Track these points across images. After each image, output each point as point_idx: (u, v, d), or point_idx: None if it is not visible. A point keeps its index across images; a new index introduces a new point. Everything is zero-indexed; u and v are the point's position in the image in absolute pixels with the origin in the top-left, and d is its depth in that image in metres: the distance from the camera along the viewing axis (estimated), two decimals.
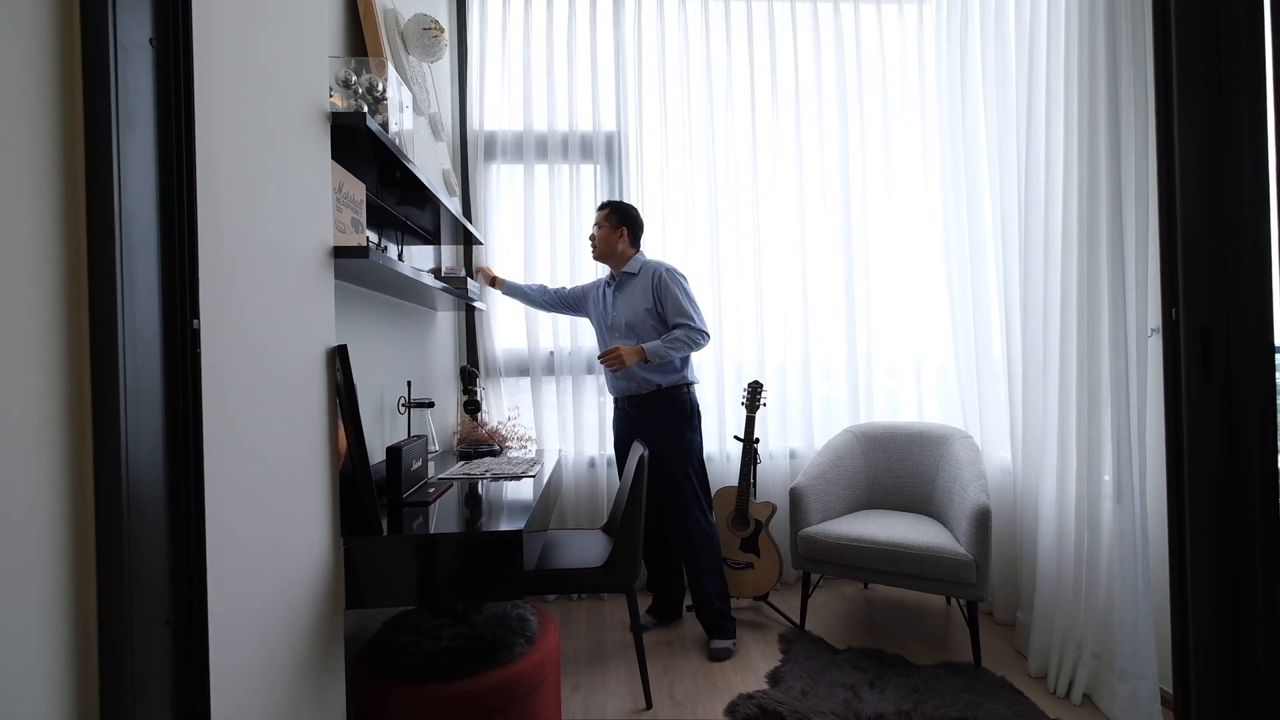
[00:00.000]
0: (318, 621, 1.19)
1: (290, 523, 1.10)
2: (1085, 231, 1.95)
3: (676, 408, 2.41)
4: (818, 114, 3.00)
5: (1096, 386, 1.94)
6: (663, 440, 2.36)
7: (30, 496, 0.65)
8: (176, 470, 0.81)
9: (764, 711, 1.87)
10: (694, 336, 2.37)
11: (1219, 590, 1.01)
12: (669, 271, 2.41)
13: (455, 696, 1.42)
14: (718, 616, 2.34)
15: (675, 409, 2.41)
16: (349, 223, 1.40)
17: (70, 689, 0.68)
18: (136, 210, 0.76)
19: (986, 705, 1.89)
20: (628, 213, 2.52)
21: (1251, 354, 0.94)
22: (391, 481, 1.59)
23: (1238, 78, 0.96)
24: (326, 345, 1.26)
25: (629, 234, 2.50)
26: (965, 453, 2.43)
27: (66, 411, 0.69)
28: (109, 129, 0.72)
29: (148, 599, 0.76)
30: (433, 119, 2.23)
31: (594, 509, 2.91)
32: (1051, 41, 2.09)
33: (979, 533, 2.12)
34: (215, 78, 0.90)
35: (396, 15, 1.96)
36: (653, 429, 2.37)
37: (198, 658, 0.83)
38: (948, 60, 2.69)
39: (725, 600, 2.39)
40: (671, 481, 2.38)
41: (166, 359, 0.80)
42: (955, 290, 2.69)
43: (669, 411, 2.40)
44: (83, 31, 0.72)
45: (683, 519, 2.38)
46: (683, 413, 2.42)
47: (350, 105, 1.50)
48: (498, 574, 1.38)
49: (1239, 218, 0.95)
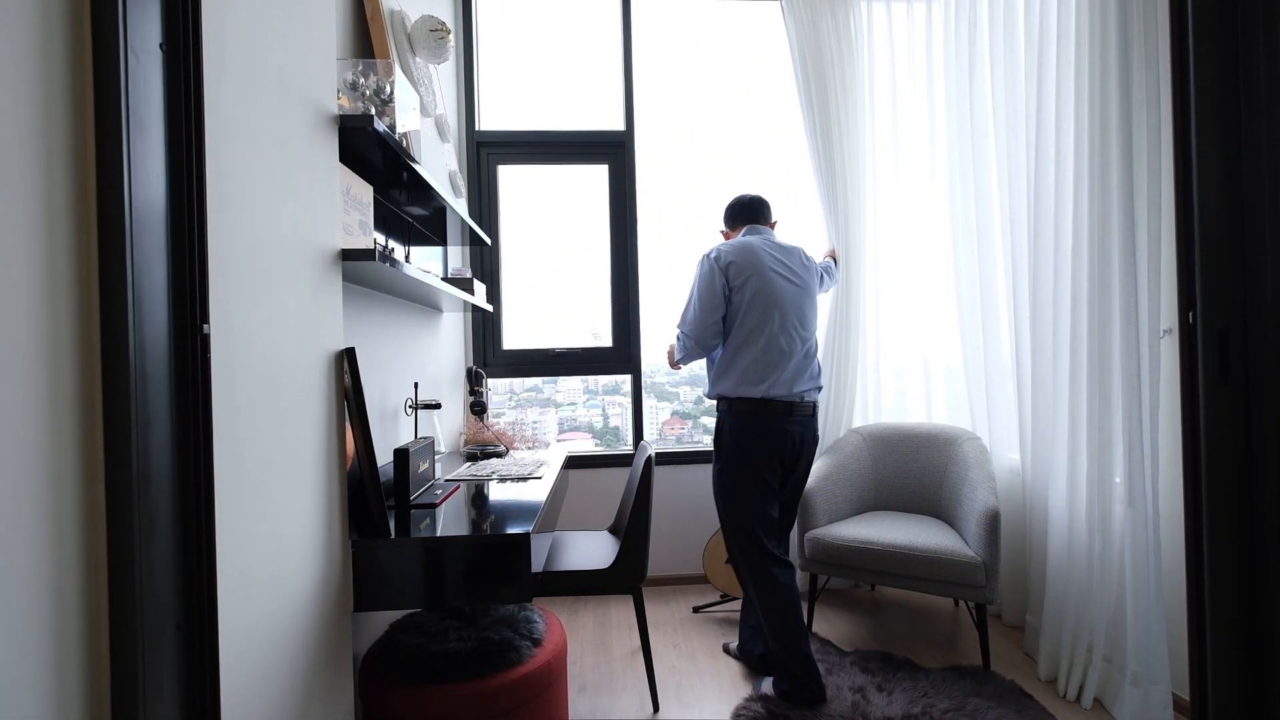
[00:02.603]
0: (326, 624, 1.19)
1: (299, 526, 1.10)
2: (1097, 230, 1.93)
3: (717, 426, 2.09)
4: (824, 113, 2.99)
5: (1108, 388, 1.92)
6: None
7: (42, 501, 0.65)
8: (186, 475, 0.81)
9: (770, 714, 1.87)
10: (679, 336, 2.12)
11: (1237, 594, 0.99)
12: (700, 262, 2.10)
13: (463, 698, 1.42)
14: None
15: (716, 427, 2.09)
16: (356, 225, 1.40)
17: (82, 693, 0.68)
18: (147, 214, 0.76)
19: (995, 709, 1.87)
20: (729, 208, 2.26)
21: (1270, 357, 0.93)
22: (399, 483, 1.59)
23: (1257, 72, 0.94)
24: (334, 348, 1.26)
25: (731, 229, 2.26)
26: (974, 454, 2.42)
27: (77, 416, 0.69)
28: (119, 133, 0.72)
29: (158, 604, 0.76)
30: (439, 120, 2.23)
31: (602, 510, 2.91)
32: (1062, 37, 2.07)
33: (988, 535, 2.10)
34: (225, 82, 0.90)
35: (404, 17, 1.96)
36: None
37: (208, 662, 0.83)
38: (956, 58, 2.67)
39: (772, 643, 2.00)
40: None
41: (176, 364, 0.80)
42: (964, 289, 2.67)
43: (716, 428, 2.10)
44: (94, 36, 0.72)
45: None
46: (718, 432, 2.06)
47: (357, 107, 1.50)
48: (505, 576, 1.37)
49: (1258, 218, 0.94)
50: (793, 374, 1.98)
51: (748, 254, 2.03)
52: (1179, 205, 1.02)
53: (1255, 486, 0.96)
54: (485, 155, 2.95)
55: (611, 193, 3.01)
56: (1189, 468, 1.00)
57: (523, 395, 3.26)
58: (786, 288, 2.03)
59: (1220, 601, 0.98)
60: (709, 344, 2.06)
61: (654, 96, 2.97)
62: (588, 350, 3.02)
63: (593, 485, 2.92)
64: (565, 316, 3.03)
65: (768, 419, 1.96)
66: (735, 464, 1.99)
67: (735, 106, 2.99)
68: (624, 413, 3.10)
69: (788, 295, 2.02)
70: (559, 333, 3.01)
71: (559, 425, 3.24)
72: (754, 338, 1.98)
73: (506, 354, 2.99)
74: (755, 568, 1.97)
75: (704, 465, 2.99)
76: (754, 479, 1.97)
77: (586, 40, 2.95)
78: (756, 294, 1.99)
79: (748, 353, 1.99)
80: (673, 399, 3.36)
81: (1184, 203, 1.00)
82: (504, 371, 3.00)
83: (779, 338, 1.98)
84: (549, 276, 2.96)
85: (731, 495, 2.00)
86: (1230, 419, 0.95)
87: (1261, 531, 0.96)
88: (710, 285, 2.02)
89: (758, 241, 2.08)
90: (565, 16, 2.93)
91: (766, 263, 2.03)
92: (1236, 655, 0.99)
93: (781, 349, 1.98)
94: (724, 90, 2.99)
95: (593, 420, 3.25)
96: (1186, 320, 0.99)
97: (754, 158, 2.98)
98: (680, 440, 3.29)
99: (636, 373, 3.04)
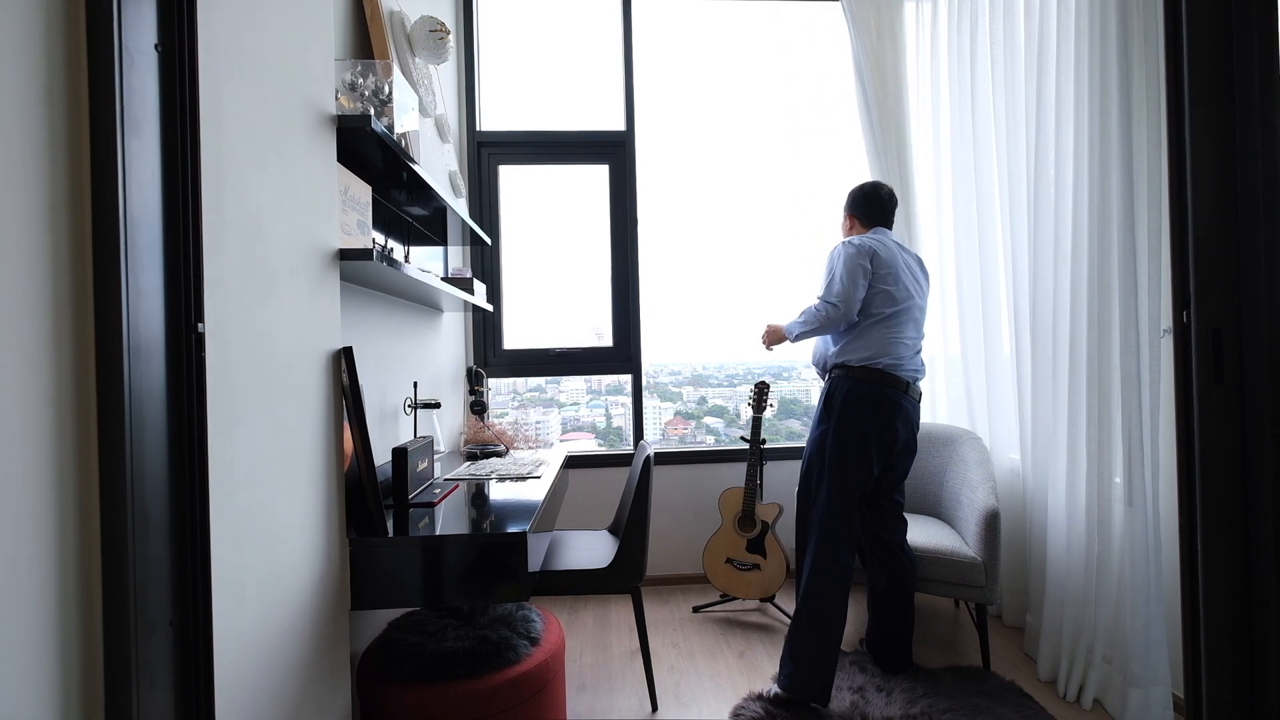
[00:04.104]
0: (323, 622, 1.19)
1: (295, 524, 1.11)
2: (1096, 229, 1.93)
3: (824, 394, 2.15)
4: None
5: (1108, 387, 1.92)
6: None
7: (35, 499, 0.65)
8: (181, 473, 0.81)
9: (769, 714, 1.87)
10: (820, 306, 2.11)
11: (1232, 596, 0.99)
12: (842, 246, 2.12)
13: (461, 697, 1.43)
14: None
15: (823, 395, 2.15)
16: (354, 225, 1.41)
17: (75, 690, 0.69)
18: (141, 215, 0.76)
19: (995, 709, 1.87)
20: (853, 197, 2.28)
21: (1265, 357, 0.93)
22: (397, 482, 1.60)
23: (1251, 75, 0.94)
24: (332, 347, 1.26)
25: (859, 219, 2.25)
26: (973, 454, 2.41)
27: (71, 415, 0.70)
28: (114, 134, 0.73)
29: (152, 600, 0.76)
30: (439, 120, 2.24)
31: (602, 510, 2.91)
32: (1061, 36, 2.06)
33: (988, 535, 2.10)
34: (221, 81, 0.91)
35: (403, 18, 1.96)
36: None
37: (202, 659, 0.83)
38: (958, 55, 2.66)
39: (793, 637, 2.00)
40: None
41: (171, 362, 0.80)
42: (964, 289, 2.67)
43: (823, 397, 2.15)
44: (88, 37, 0.72)
45: (803, 529, 2.11)
46: (826, 399, 2.11)
47: (356, 108, 1.51)
48: (503, 575, 1.38)
49: (1252, 218, 0.93)
50: (913, 362, 2.10)
51: (887, 252, 2.10)
52: (1173, 205, 1.02)
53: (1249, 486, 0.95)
54: (486, 155, 2.95)
55: (612, 193, 3.01)
56: (1183, 467, 1.00)
57: (526, 395, 3.27)
58: (915, 290, 2.13)
59: (1215, 602, 0.98)
60: (852, 315, 2.07)
61: (654, 96, 2.97)
62: (588, 350, 3.03)
63: (593, 485, 2.93)
64: (566, 316, 3.04)
65: (887, 389, 2.04)
66: (843, 432, 2.04)
67: (736, 106, 2.99)
68: (626, 413, 3.10)
69: (915, 298, 2.12)
70: (560, 332, 3.02)
71: (562, 425, 3.25)
72: (890, 321, 2.07)
73: (507, 354, 3.00)
74: (821, 547, 2.00)
75: (705, 465, 2.99)
76: (856, 450, 2.02)
77: (587, 40, 2.95)
78: (895, 290, 2.07)
79: (881, 330, 2.07)
80: (675, 399, 3.37)
81: (1178, 202, 1.00)
82: (504, 371, 3.01)
83: (908, 326, 2.09)
84: (549, 276, 2.97)
85: (836, 452, 2.03)
86: (1224, 418, 0.95)
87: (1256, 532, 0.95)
88: (857, 265, 2.06)
89: (892, 243, 2.15)
90: (566, 16, 2.94)
91: (902, 263, 2.12)
92: (1231, 656, 0.99)
93: (909, 340, 2.09)
94: (724, 90, 2.99)
95: (595, 420, 3.26)
96: (1181, 320, 0.99)
97: (754, 158, 2.98)
98: (684, 440, 3.29)
99: (637, 372, 3.04)
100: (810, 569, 1.99)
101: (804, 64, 3.01)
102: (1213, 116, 0.96)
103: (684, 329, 3.07)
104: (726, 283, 2.97)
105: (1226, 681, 0.99)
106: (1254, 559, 0.95)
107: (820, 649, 1.92)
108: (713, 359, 3.34)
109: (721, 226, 2.96)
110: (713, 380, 3.37)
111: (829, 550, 1.98)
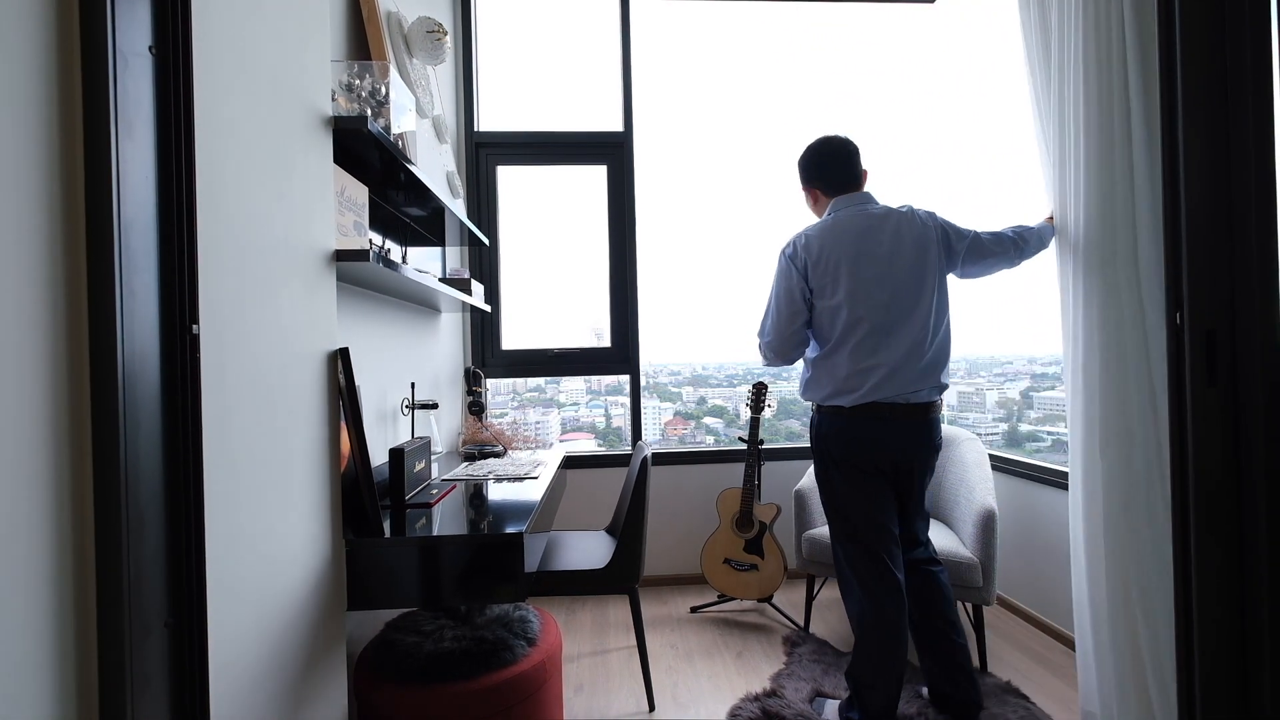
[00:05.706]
0: (319, 623, 1.19)
1: (291, 525, 1.11)
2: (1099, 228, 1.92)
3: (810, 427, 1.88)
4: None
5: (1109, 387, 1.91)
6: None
7: (30, 500, 0.66)
8: (175, 475, 0.81)
9: (767, 714, 1.87)
10: (759, 344, 1.89)
11: (1224, 596, 0.99)
12: (780, 254, 1.82)
13: (457, 697, 1.43)
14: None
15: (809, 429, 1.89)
16: (351, 226, 1.41)
17: (70, 691, 0.69)
18: (135, 216, 0.76)
19: (993, 710, 1.87)
20: (801, 165, 1.88)
21: (1257, 358, 0.93)
22: (394, 483, 1.60)
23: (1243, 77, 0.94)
24: (328, 348, 1.27)
25: (819, 190, 1.86)
26: (972, 455, 2.41)
27: (66, 416, 0.70)
28: (108, 136, 0.73)
29: (147, 602, 0.76)
30: (436, 121, 2.24)
31: (601, 510, 2.91)
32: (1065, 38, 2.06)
33: (985, 535, 2.10)
34: (216, 83, 0.91)
35: (400, 18, 1.97)
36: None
37: (197, 660, 0.84)
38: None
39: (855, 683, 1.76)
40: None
41: (165, 364, 0.80)
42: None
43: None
44: (82, 39, 0.72)
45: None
46: (811, 436, 1.85)
47: (353, 109, 1.51)
48: (499, 576, 1.38)
49: (1244, 220, 0.93)
50: (895, 385, 1.67)
51: (832, 236, 1.72)
52: (1167, 206, 1.02)
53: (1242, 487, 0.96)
54: (484, 156, 2.96)
55: (610, 193, 3.02)
56: (1176, 467, 1.00)
57: (526, 395, 3.27)
58: (891, 281, 1.69)
59: (1207, 602, 0.98)
60: (789, 354, 1.82)
61: (653, 97, 2.97)
62: (586, 350, 3.03)
63: (592, 485, 2.93)
64: (565, 317, 3.04)
65: (864, 421, 1.69)
66: (831, 481, 1.79)
67: (735, 105, 2.99)
68: (626, 413, 3.11)
69: (883, 293, 1.68)
70: (559, 333, 3.02)
71: (562, 425, 3.25)
72: (846, 346, 1.70)
73: (505, 354, 3.00)
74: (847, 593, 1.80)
75: (705, 465, 2.99)
76: (846, 500, 1.75)
77: (585, 41, 2.95)
78: (845, 297, 1.69)
79: (836, 362, 1.72)
80: (675, 399, 3.37)
81: (1171, 203, 1.00)
82: (503, 372, 3.01)
83: (881, 339, 1.68)
84: (548, 277, 2.97)
85: (836, 497, 1.78)
86: (1217, 418, 0.95)
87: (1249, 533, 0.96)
88: (788, 287, 1.75)
89: (855, 214, 1.74)
90: (564, 17, 2.94)
91: (864, 244, 1.69)
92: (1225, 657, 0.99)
93: (884, 361, 1.67)
94: (723, 89, 2.99)
95: (595, 420, 3.26)
96: (1174, 320, 0.99)
97: (754, 158, 2.99)
98: (683, 440, 3.29)
99: (635, 373, 3.04)
100: (850, 617, 1.79)
101: (804, 63, 3.01)
102: (1205, 116, 0.96)
103: (683, 329, 3.08)
104: (726, 282, 2.97)
105: (1220, 682, 0.99)
106: (1246, 560, 0.96)
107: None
108: (712, 359, 3.34)
109: (720, 226, 2.96)
110: (712, 380, 3.37)
111: (850, 594, 1.78)
